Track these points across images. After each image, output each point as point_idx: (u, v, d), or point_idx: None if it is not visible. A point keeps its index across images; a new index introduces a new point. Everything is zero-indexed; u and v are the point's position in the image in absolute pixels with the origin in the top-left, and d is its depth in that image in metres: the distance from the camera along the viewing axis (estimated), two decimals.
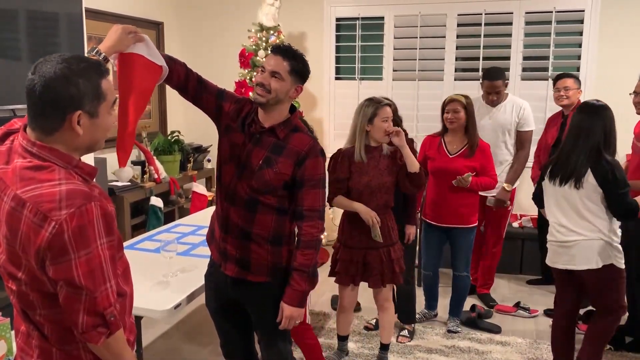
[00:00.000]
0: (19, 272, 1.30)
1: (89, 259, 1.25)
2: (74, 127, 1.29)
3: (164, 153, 4.68)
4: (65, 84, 1.26)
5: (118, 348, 1.35)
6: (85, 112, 1.29)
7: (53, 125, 1.29)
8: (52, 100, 1.26)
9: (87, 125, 1.31)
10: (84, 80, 1.28)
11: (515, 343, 3.43)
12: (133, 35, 1.80)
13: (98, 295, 1.27)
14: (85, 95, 1.28)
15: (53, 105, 1.26)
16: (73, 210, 1.22)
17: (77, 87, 1.27)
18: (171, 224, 3.52)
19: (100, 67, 1.35)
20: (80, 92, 1.28)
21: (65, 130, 1.29)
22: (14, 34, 3.11)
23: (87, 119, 1.30)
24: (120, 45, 1.76)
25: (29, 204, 1.23)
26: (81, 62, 1.30)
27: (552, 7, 4.61)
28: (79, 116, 1.28)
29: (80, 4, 3.52)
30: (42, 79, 1.25)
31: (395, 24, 4.99)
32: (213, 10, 5.47)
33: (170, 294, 2.28)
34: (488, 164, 3.36)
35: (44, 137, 1.30)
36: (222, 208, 2.09)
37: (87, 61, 1.32)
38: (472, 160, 3.32)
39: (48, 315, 1.34)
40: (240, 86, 4.67)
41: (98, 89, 1.31)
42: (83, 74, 1.28)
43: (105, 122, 1.36)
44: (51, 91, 1.25)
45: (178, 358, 3.26)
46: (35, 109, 1.28)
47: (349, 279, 2.97)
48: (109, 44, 1.75)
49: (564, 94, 3.81)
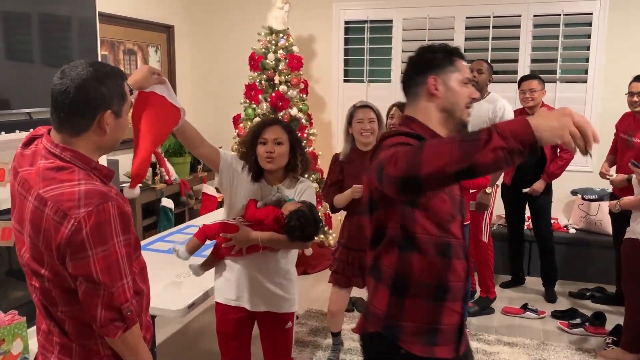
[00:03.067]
0: (42, 269, 1.36)
1: (106, 255, 1.31)
2: (103, 127, 1.37)
3: (175, 155, 4.74)
4: (98, 85, 1.35)
5: (134, 342, 1.41)
6: (112, 111, 1.38)
7: (83, 125, 1.36)
8: (84, 101, 1.34)
9: (112, 125, 1.40)
10: (112, 82, 1.38)
11: (523, 344, 3.45)
12: (157, 76, 1.87)
13: (115, 290, 1.33)
14: (114, 95, 1.38)
15: (86, 105, 1.34)
16: (91, 208, 1.29)
17: (107, 87, 1.36)
18: (182, 225, 3.57)
19: (121, 71, 1.45)
20: (110, 93, 1.37)
21: (93, 130, 1.37)
22: (28, 38, 3.16)
23: (113, 119, 1.39)
24: (144, 82, 1.84)
25: (50, 203, 1.30)
26: (106, 66, 1.40)
27: (560, 10, 4.62)
28: (108, 115, 1.37)
29: (93, 8, 3.57)
30: (75, 81, 1.33)
31: (403, 27, 5.02)
32: (223, 13, 5.52)
33: (184, 293, 2.33)
34: None
35: (70, 139, 1.37)
36: None
37: (109, 65, 1.42)
38: None
39: (69, 312, 1.39)
40: (249, 89, 4.71)
41: (122, 90, 1.41)
42: (110, 76, 1.38)
43: (126, 122, 1.46)
44: (84, 92, 1.33)
45: (190, 356, 3.31)
46: (65, 110, 1.34)
47: (344, 280, 2.93)
48: (134, 79, 1.83)
49: (530, 96, 3.85)
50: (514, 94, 4.69)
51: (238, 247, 2.08)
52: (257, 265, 2.15)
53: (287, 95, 4.59)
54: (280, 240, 2.08)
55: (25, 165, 1.41)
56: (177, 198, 4.66)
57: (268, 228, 2.07)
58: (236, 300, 2.20)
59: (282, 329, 2.24)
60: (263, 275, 2.16)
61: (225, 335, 2.27)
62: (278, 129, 2.14)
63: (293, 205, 2.09)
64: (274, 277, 2.18)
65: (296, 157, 2.15)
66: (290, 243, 2.09)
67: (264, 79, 4.69)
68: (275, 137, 2.11)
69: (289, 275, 2.23)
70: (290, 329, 2.27)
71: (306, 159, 2.19)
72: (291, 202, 2.12)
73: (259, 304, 2.18)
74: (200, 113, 5.51)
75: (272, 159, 2.09)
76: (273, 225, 2.06)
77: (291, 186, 2.19)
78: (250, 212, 2.12)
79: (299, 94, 4.71)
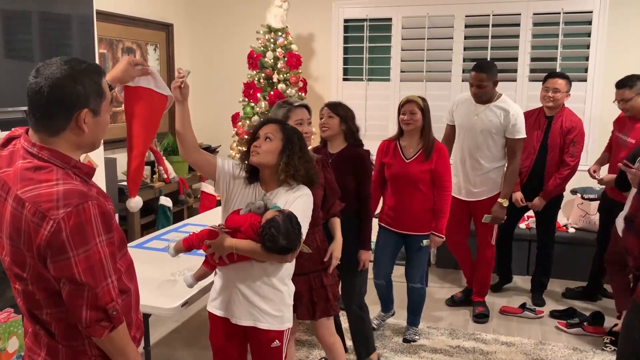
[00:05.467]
0: (24, 273, 1.34)
1: (88, 255, 1.29)
2: (80, 126, 1.34)
3: (173, 153, 4.73)
4: (72, 83, 1.31)
5: (121, 342, 1.40)
6: (90, 110, 1.35)
7: (59, 125, 1.33)
8: (60, 100, 1.31)
9: (91, 123, 1.36)
10: (89, 80, 1.34)
11: (521, 344, 3.44)
12: (140, 67, 1.83)
13: (99, 290, 1.31)
14: (90, 93, 1.34)
15: (61, 105, 1.31)
16: (70, 209, 1.26)
17: (83, 86, 1.33)
18: (180, 223, 3.57)
19: (99, 67, 1.41)
20: (86, 91, 1.33)
21: (71, 129, 1.34)
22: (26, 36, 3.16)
23: (91, 117, 1.36)
24: (125, 76, 1.79)
25: (28, 204, 1.28)
26: (82, 63, 1.36)
27: (560, 8, 4.60)
28: (85, 114, 1.34)
29: (91, 6, 3.57)
30: (49, 80, 1.30)
31: (403, 25, 5.01)
32: (222, 12, 5.52)
33: (178, 292, 2.32)
34: (443, 166, 3.16)
35: (48, 138, 1.34)
36: None
37: (86, 62, 1.38)
38: (428, 164, 3.15)
39: (54, 314, 1.38)
40: (248, 87, 4.71)
41: (100, 87, 1.38)
42: (86, 74, 1.35)
43: (105, 119, 1.42)
44: (59, 91, 1.30)
45: (186, 356, 3.30)
46: (41, 110, 1.32)
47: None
48: (113, 74, 1.80)
49: (552, 95, 3.71)
50: (513, 93, 4.70)
51: (217, 255, 1.99)
52: (243, 275, 2.04)
53: (285, 93, 4.58)
54: (255, 250, 1.93)
55: (4, 166, 1.38)
56: (176, 196, 4.66)
57: (245, 236, 1.95)
58: (222, 311, 2.12)
59: (268, 347, 2.09)
60: (247, 286, 2.04)
61: (214, 346, 2.20)
62: (273, 126, 2.07)
63: (271, 213, 1.93)
64: (260, 289, 2.04)
65: (286, 160, 2.01)
66: (266, 254, 1.93)
67: (262, 78, 4.69)
68: (266, 132, 2.05)
69: (278, 289, 2.07)
70: (278, 348, 2.10)
71: (296, 165, 2.02)
72: (272, 210, 1.96)
73: (241, 317, 2.07)
74: (198, 111, 5.49)
75: (257, 153, 2.02)
76: (250, 233, 1.94)
77: (286, 193, 2.05)
78: (230, 219, 2.04)
79: (297, 93, 4.70)
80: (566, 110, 3.80)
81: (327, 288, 2.52)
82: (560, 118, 3.77)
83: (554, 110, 3.78)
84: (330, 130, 2.84)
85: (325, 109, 2.87)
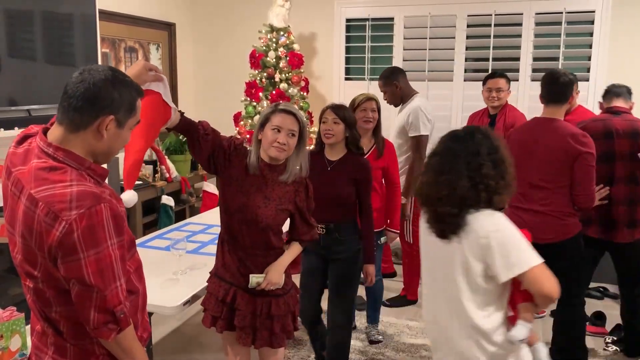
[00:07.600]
0: (35, 270, 1.35)
1: (99, 258, 1.30)
2: (102, 130, 1.36)
3: (175, 153, 4.74)
4: (111, 88, 1.35)
5: (128, 344, 1.40)
6: (116, 119, 1.37)
7: (83, 121, 1.34)
8: (94, 97, 1.33)
9: (111, 133, 1.38)
10: (127, 92, 1.38)
11: None
12: (154, 73, 1.86)
13: (108, 293, 1.32)
14: (123, 104, 1.37)
15: (93, 102, 1.33)
16: (83, 211, 1.27)
17: (119, 93, 1.36)
18: (181, 222, 3.57)
19: (140, 88, 1.45)
20: (121, 99, 1.36)
21: (92, 131, 1.36)
22: (29, 35, 3.17)
23: (114, 127, 1.38)
24: (138, 79, 1.81)
25: (41, 204, 1.28)
26: (126, 77, 1.40)
27: (563, 7, 4.59)
28: (110, 121, 1.35)
29: (93, 5, 3.58)
30: (92, 78, 1.33)
31: (405, 25, 5.01)
32: (224, 11, 5.52)
33: (179, 291, 2.33)
34: (393, 164, 3.20)
35: (67, 135, 1.35)
36: None
37: (130, 78, 1.42)
38: (381, 161, 3.11)
39: (63, 312, 1.39)
40: (250, 87, 4.72)
41: (134, 103, 1.41)
42: (127, 86, 1.39)
43: (126, 136, 1.44)
44: (96, 90, 1.33)
45: (188, 354, 3.31)
46: (73, 101, 1.33)
47: (210, 319, 2.18)
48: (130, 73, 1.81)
49: (496, 95, 3.83)
50: (515, 92, 4.68)
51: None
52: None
53: (287, 93, 4.59)
54: None
55: (18, 164, 1.39)
56: (178, 196, 4.67)
57: None
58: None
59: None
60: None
61: None
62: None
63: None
64: None
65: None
66: None
67: (264, 77, 4.69)
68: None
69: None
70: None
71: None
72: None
73: None
74: (200, 110, 5.50)
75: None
76: None
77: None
78: None
79: (299, 92, 4.71)
80: (508, 107, 3.93)
81: (274, 319, 2.14)
82: (503, 115, 3.89)
83: (497, 108, 3.89)
84: (334, 138, 2.62)
85: (330, 112, 2.63)
